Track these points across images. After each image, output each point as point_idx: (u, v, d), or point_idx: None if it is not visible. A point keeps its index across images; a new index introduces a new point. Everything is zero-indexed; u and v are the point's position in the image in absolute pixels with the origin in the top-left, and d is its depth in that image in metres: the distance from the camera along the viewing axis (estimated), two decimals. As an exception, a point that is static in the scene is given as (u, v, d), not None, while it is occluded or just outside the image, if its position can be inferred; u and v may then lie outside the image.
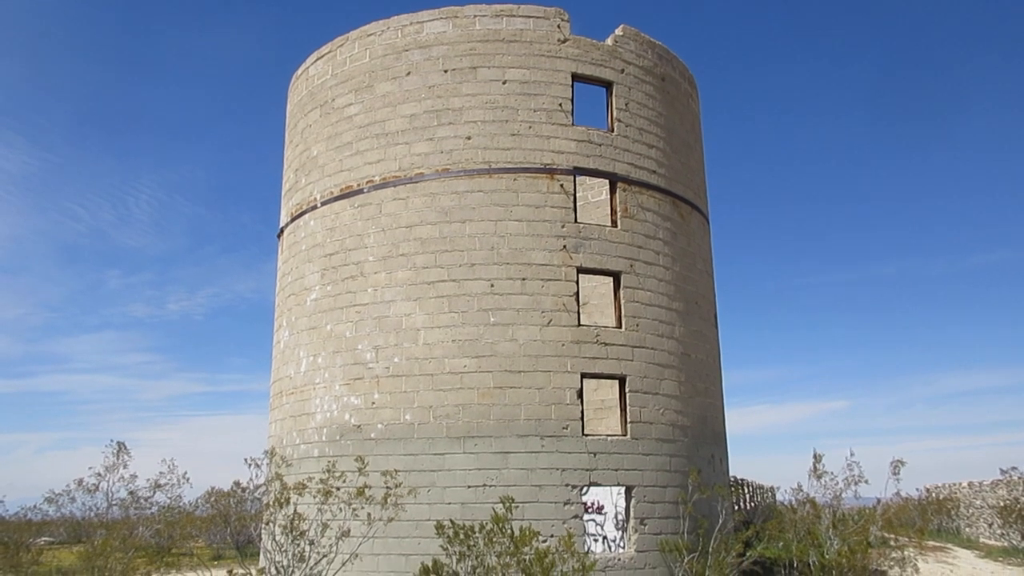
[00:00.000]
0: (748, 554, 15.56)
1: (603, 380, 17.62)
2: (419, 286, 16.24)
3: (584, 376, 15.95)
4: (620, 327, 16.57)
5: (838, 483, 16.81)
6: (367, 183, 17.33)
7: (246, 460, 14.48)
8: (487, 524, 12.43)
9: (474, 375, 15.60)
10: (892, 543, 17.45)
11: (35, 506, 32.61)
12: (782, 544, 17.31)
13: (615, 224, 17.14)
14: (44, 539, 30.76)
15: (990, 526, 31.54)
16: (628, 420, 16.11)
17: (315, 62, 19.42)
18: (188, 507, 29.30)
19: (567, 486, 15.24)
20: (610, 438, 15.98)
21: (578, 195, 17.60)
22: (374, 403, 16.01)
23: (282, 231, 20.00)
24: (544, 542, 13.21)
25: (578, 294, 16.38)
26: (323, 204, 18.04)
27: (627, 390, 16.24)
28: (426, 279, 16.23)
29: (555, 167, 16.76)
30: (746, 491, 34.55)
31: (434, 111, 17.08)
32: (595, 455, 15.55)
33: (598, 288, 21.42)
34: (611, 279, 17.05)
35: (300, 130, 19.53)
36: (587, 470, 15.42)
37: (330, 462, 14.23)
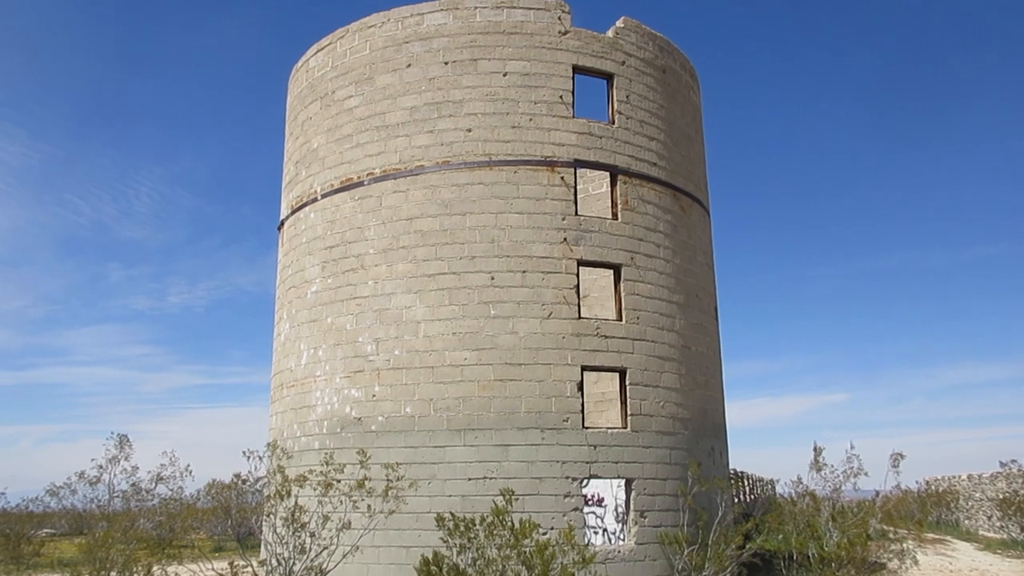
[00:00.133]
0: (748, 546, 15.59)
1: (603, 373, 17.63)
2: (419, 279, 16.24)
3: (584, 369, 15.96)
4: (620, 320, 16.57)
5: (838, 476, 16.85)
6: (367, 175, 17.31)
7: (244, 452, 14.42)
8: (487, 516, 12.45)
9: (474, 368, 15.62)
10: (891, 535, 17.48)
11: (37, 498, 32.78)
12: (782, 536, 17.35)
13: (616, 217, 17.13)
14: (45, 531, 30.89)
15: (989, 519, 31.60)
16: (628, 413, 16.13)
17: (315, 54, 19.37)
18: (189, 499, 29.38)
19: (567, 479, 15.27)
20: (610, 431, 16.00)
21: (579, 187, 17.60)
22: (375, 396, 16.03)
23: (282, 223, 19.99)
24: (544, 534, 13.23)
25: (578, 287, 16.38)
26: (323, 196, 18.02)
27: (627, 383, 16.26)
28: (426, 272, 16.23)
29: (556, 159, 16.73)
30: (746, 484, 34.62)
31: (434, 103, 17.04)
32: (595, 448, 15.57)
33: (599, 281, 21.42)
34: (612, 272, 17.05)
35: (300, 122, 19.50)
36: (587, 463, 15.45)
37: (330, 454, 14.25)
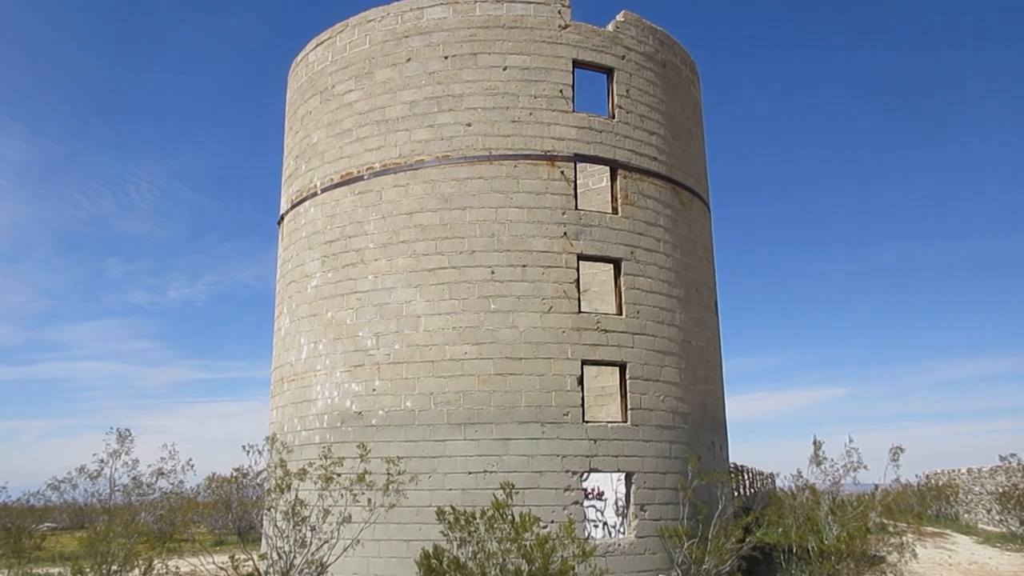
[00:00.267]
0: (748, 540, 15.64)
1: (603, 367, 17.65)
2: (419, 273, 16.24)
3: (584, 363, 15.98)
4: (620, 314, 16.58)
5: (837, 469, 16.88)
6: (367, 170, 17.30)
7: (244, 447, 14.44)
8: (488, 510, 12.48)
9: (475, 362, 15.63)
10: (891, 529, 17.53)
11: (38, 492, 32.80)
12: (781, 530, 17.40)
13: (616, 211, 17.12)
14: (47, 525, 30.96)
15: (989, 512, 31.67)
16: (628, 407, 16.15)
17: (315, 48, 19.34)
18: (190, 493, 29.42)
19: (567, 472, 15.30)
20: (610, 425, 16.03)
21: (579, 182, 17.58)
22: (375, 390, 16.05)
23: (282, 218, 19.98)
24: (544, 528, 13.26)
25: (578, 281, 16.38)
26: (323, 191, 18.01)
27: (627, 377, 16.27)
28: (426, 266, 16.23)
29: (556, 154, 16.72)
30: (746, 477, 34.69)
31: (434, 97, 17.02)
32: (595, 442, 15.59)
33: (599, 275, 21.42)
34: (612, 266, 17.05)
35: (300, 117, 19.48)
36: (587, 456, 15.48)
37: (331, 448, 14.27)
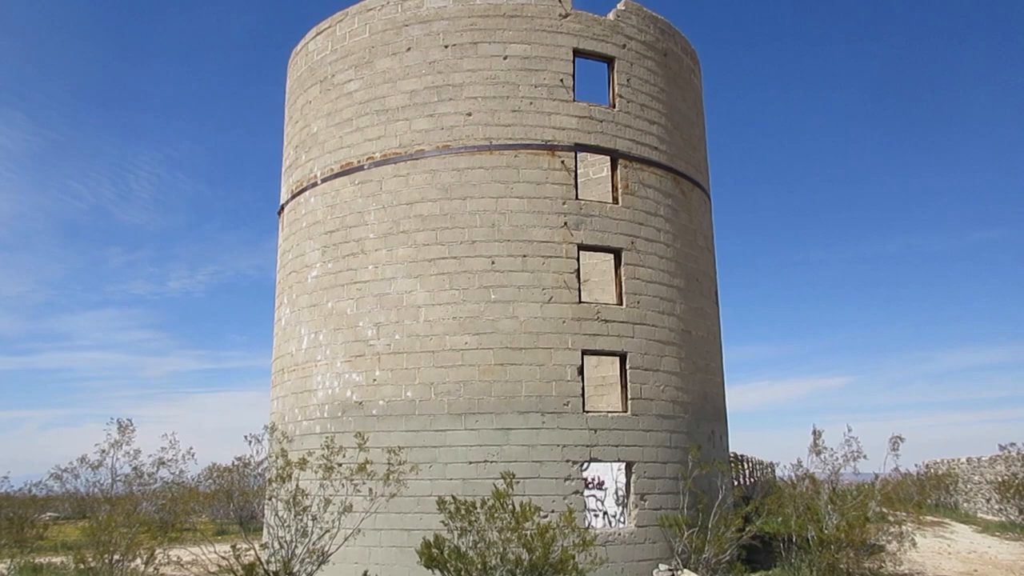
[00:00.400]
0: (747, 529, 15.68)
1: (604, 357, 17.65)
2: (420, 263, 16.23)
3: (585, 353, 15.98)
4: (621, 304, 16.58)
5: (837, 459, 16.88)
6: (367, 160, 17.26)
7: (246, 437, 14.48)
8: (488, 500, 12.50)
9: (475, 352, 15.63)
10: (890, 518, 17.56)
11: (40, 482, 32.89)
12: (781, 519, 17.43)
13: (616, 201, 17.09)
14: (49, 515, 31.03)
15: (988, 501, 31.75)
16: (629, 397, 16.17)
17: (315, 37, 19.25)
18: (191, 482, 29.48)
19: (568, 462, 15.33)
20: (611, 414, 16.05)
21: (579, 172, 17.55)
22: (375, 380, 16.06)
23: (283, 208, 19.95)
24: (545, 517, 13.29)
25: (579, 271, 16.37)
26: (323, 181, 17.98)
27: (628, 367, 16.28)
28: (427, 256, 16.21)
29: (556, 143, 16.67)
30: (746, 467, 34.72)
31: (434, 87, 16.96)
32: (596, 431, 15.62)
33: (599, 265, 21.40)
34: (612, 256, 17.03)
35: (300, 106, 19.42)
36: (588, 446, 15.51)
37: (332, 438, 14.29)
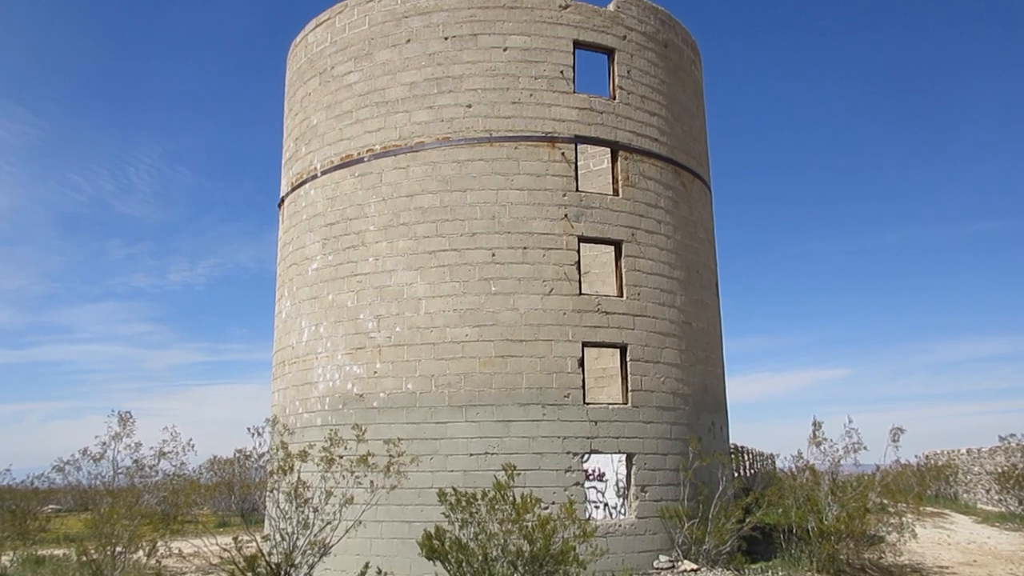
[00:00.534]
0: (748, 520, 15.73)
1: (604, 349, 17.66)
2: (420, 255, 16.21)
3: (585, 345, 15.99)
4: (621, 296, 16.57)
5: (837, 450, 16.92)
6: (367, 152, 17.23)
7: (249, 429, 14.53)
8: (489, 491, 12.52)
9: (475, 344, 15.64)
10: (890, 509, 17.60)
11: (42, 474, 32.99)
12: (781, 510, 17.48)
13: (616, 193, 17.07)
14: (51, 507, 31.14)
15: (988, 492, 31.81)
16: (629, 388, 16.18)
17: (314, 29, 19.19)
18: (192, 474, 29.54)
19: (568, 454, 15.35)
20: (611, 406, 16.06)
21: (579, 163, 17.51)
22: (376, 372, 16.07)
23: (283, 200, 19.93)
24: (546, 509, 13.31)
25: (579, 263, 16.36)
26: (323, 173, 17.95)
27: (628, 359, 16.29)
28: (427, 248, 16.20)
29: (556, 135, 16.64)
30: (746, 458, 34.79)
31: (434, 79, 16.92)
32: (596, 423, 15.64)
33: (599, 257, 21.40)
34: (612, 248, 17.02)
35: (299, 99, 19.37)
36: (588, 438, 15.53)
37: (332, 430, 14.31)
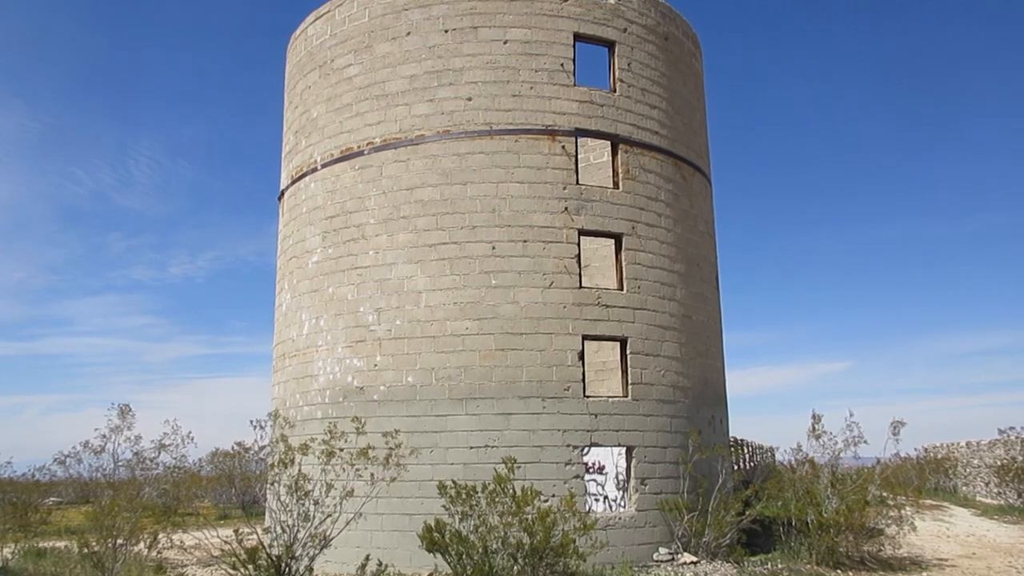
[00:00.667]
0: (747, 513, 15.77)
1: (604, 342, 17.67)
2: (420, 248, 16.21)
3: (585, 338, 16.00)
4: (621, 289, 16.58)
5: (837, 443, 16.93)
6: (367, 145, 17.21)
7: (251, 422, 14.55)
8: (489, 484, 12.56)
9: (475, 337, 15.65)
10: (890, 502, 17.64)
11: (43, 467, 33.05)
12: (781, 503, 17.52)
13: (617, 186, 17.05)
14: (52, 499, 31.20)
15: (987, 485, 31.88)
16: (629, 382, 16.19)
17: (314, 22, 19.15)
18: (193, 467, 29.61)
19: (568, 447, 15.38)
20: (611, 399, 16.08)
21: (580, 156, 17.48)
22: (376, 365, 16.09)
23: (283, 194, 19.92)
24: (546, 502, 13.35)
25: (579, 256, 16.36)
26: (323, 166, 17.93)
27: (628, 352, 16.30)
28: (427, 241, 16.20)
29: (556, 128, 16.62)
30: (746, 451, 34.88)
31: (434, 72, 16.88)
32: (596, 416, 15.66)
33: (599, 250, 21.37)
34: (612, 241, 17.01)
35: (299, 91, 19.34)
36: (588, 431, 15.55)
37: (333, 423, 14.34)
